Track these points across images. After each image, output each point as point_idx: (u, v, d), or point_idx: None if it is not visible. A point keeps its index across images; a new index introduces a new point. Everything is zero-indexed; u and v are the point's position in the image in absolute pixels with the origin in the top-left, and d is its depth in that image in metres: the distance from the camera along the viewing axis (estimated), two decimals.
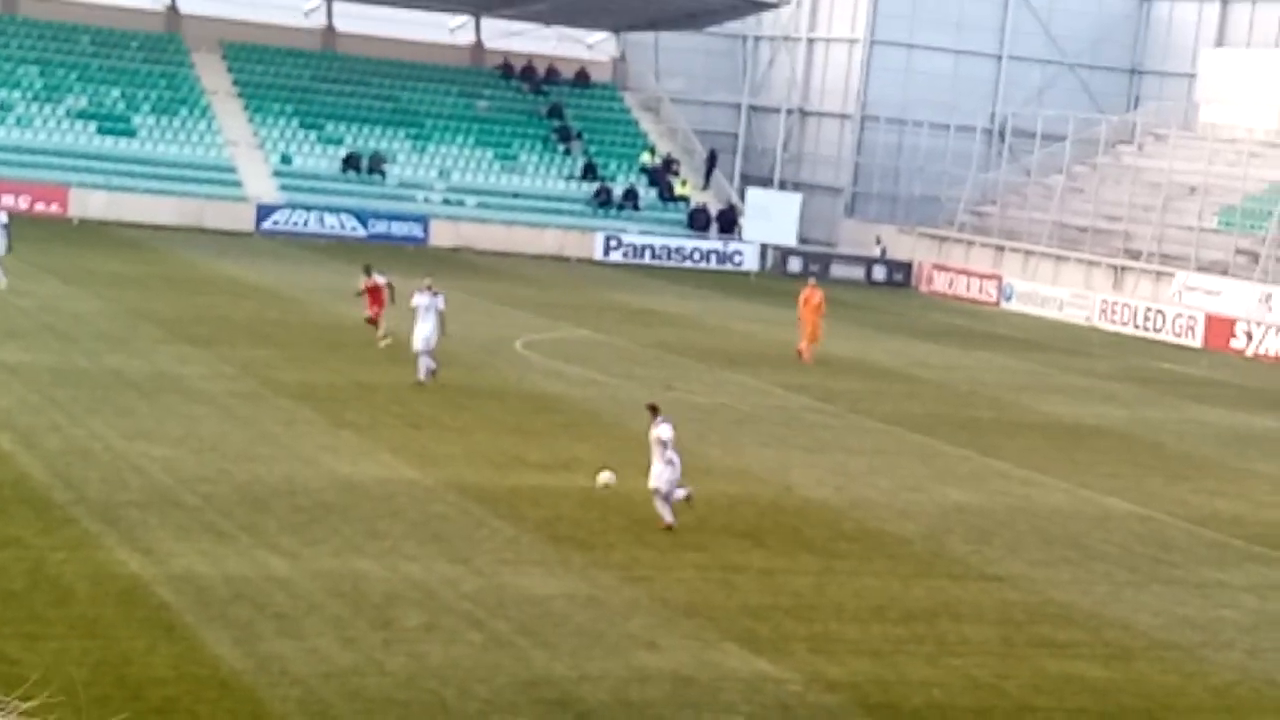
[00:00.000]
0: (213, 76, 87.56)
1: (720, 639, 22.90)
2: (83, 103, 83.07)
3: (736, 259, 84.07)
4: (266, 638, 21.17)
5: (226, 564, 24.22)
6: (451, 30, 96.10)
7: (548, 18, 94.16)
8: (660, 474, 28.21)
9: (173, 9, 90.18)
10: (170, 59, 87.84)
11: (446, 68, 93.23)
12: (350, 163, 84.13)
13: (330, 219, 79.71)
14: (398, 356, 42.70)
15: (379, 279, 44.82)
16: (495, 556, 26.07)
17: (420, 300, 40.86)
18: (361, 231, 79.72)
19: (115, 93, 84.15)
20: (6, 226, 51.09)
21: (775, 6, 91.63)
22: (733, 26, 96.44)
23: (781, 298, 71.10)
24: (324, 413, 36.44)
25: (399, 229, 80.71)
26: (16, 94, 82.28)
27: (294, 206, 79.81)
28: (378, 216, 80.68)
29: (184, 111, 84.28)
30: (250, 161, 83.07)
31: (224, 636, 21.06)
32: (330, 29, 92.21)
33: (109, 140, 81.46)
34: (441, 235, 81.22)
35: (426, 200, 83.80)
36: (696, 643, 22.68)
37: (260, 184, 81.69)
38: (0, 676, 18.96)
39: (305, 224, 79.16)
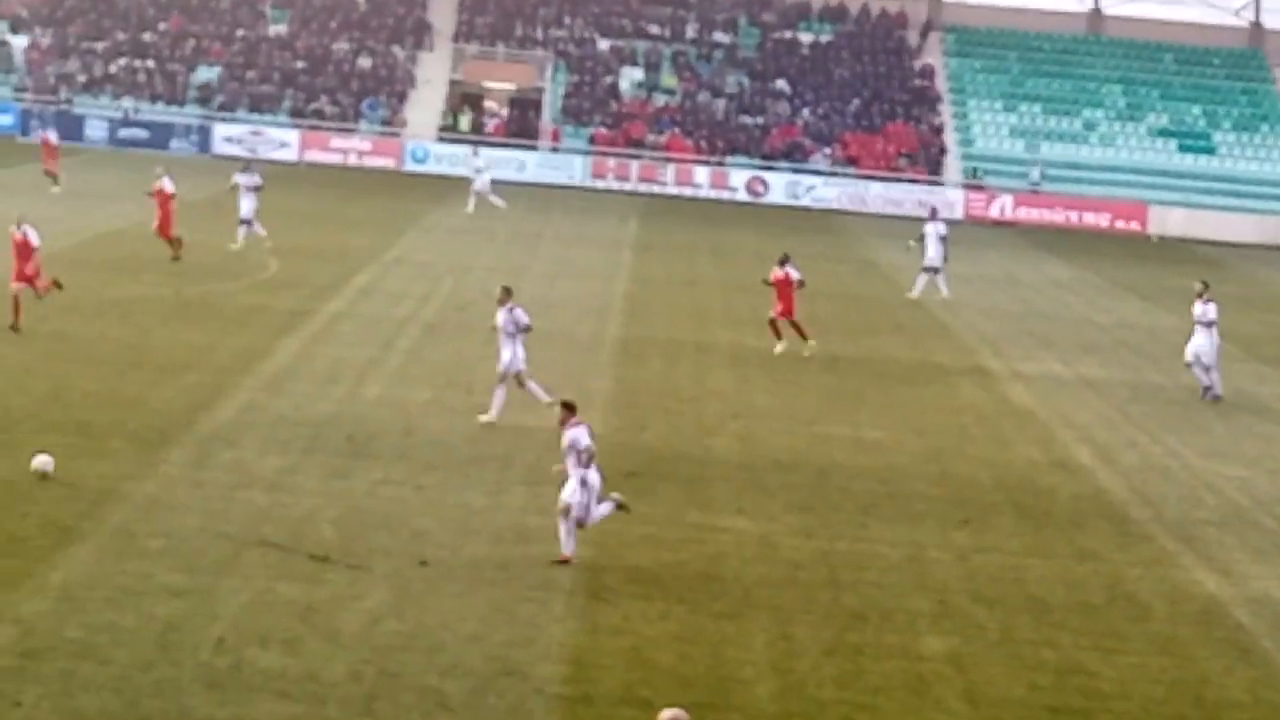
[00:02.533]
0: None
1: None
2: (1163, 120, 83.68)
3: None
4: None
5: None
6: None
7: None
8: (573, 491, 22.73)
9: (1256, 25, 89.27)
10: (1252, 75, 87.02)
11: None
12: None
13: None
14: None
15: (791, 271, 39.72)
16: None
17: None
18: None
19: (1195, 110, 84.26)
20: None
21: None
22: None
23: None
24: None
25: None
26: (1100, 113, 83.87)
27: None
28: None
29: (1264, 128, 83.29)
30: None
31: None
32: None
33: (1188, 158, 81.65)
34: None
35: None
36: None
37: None
38: (1079, 688, 19.56)
39: None
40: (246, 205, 48.22)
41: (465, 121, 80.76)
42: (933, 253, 49.71)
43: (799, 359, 38.84)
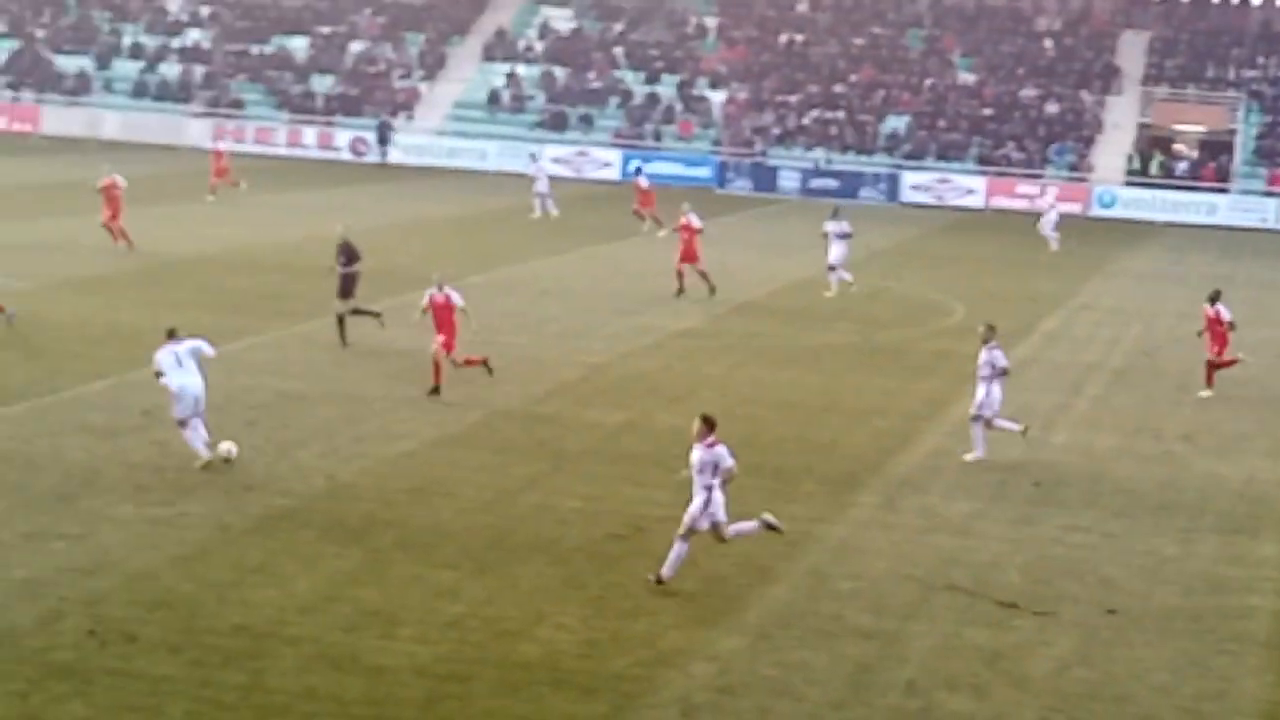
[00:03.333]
0: None
1: None
2: None
3: None
4: None
5: None
6: None
7: None
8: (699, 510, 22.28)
9: None
10: None
11: None
12: None
13: None
14: None
15: (1222, 310, 36.50)
16: None
17: None
18: None
19: None
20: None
21: None
22: None
23: None
24: None
25: None
26: None
27: None
28: None
29: None
30: None
31: None
32: None
33: None
34: None
35: None
36: None
37: None
38: None
39: None
40: (835, 252, 48.17)
41: (1155, 165, 79.44)
42: None
43: None
